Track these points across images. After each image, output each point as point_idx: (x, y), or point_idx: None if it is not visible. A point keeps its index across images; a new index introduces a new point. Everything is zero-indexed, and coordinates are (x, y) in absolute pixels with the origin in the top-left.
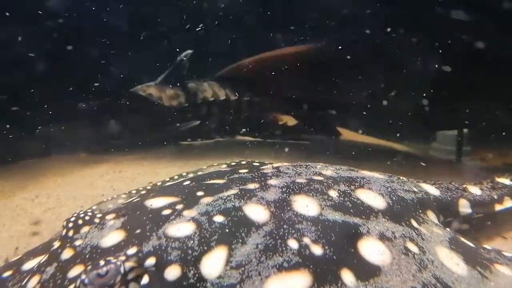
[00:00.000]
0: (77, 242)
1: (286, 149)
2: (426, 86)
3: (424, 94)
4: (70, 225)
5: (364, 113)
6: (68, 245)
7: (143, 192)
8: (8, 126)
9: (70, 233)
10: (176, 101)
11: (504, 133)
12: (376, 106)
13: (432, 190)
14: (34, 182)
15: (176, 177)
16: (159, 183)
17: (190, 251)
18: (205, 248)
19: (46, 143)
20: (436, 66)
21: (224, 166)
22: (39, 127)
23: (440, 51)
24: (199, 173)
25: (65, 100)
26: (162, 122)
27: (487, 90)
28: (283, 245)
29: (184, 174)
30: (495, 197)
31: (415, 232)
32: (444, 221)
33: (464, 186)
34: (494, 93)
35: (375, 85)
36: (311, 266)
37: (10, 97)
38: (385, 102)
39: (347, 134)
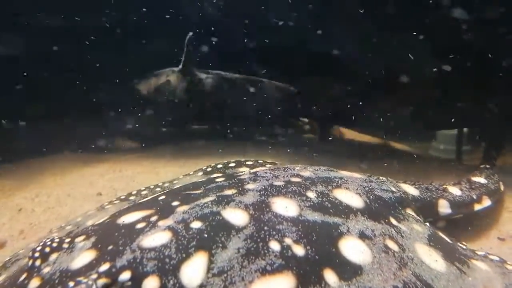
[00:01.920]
0: (45, 270)
1: (288, 150)
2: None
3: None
4: (37, 254)
5: None
6: (35, 274)
7: (124, 203)
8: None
9: (37, 262)
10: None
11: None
12: None
13: (411, 190)
14: (34, 181)
15: (151, 186)
16: (144, 192)
17: (167, 260)
18: (184, 255)
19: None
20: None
21: (200, 173)
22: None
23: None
24: (175, 182)
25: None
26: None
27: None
28: (265, 247)
29: (160, 184)
30: (474, 197)
31: (394, 230)
32: (424, 221)
33: (444, 186)
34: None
35: None
36: (294, 268)
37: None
38: None
39: None
